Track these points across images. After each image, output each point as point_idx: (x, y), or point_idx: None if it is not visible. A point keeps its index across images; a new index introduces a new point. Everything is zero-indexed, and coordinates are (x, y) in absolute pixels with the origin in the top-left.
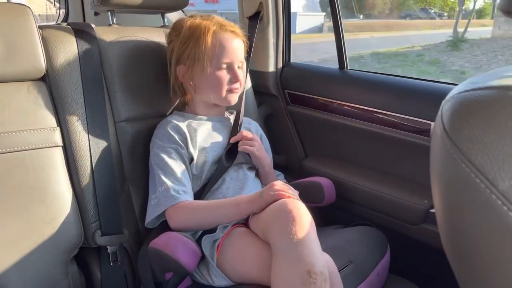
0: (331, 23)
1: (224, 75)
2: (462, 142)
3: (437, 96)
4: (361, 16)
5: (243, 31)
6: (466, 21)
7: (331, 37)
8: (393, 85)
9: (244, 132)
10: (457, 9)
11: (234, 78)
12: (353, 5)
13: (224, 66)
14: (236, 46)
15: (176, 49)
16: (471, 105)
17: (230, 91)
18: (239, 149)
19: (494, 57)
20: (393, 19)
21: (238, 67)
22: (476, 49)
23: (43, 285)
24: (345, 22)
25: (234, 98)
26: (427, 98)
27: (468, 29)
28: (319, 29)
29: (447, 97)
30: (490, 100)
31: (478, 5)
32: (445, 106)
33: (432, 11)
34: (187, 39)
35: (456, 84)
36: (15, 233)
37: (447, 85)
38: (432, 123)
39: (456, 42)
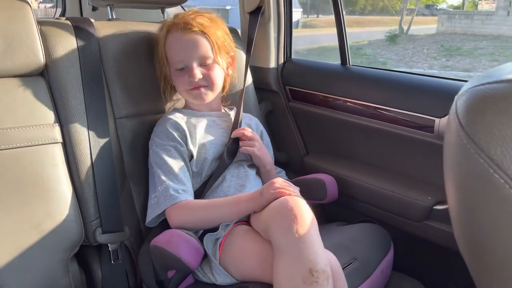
0: (306, 19)
1: (181, 74)
2: (479, 136)
3: (440, 92)
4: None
5: (213, 24)
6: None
7: (303, 32)
8: (395, 81)
9: (246, 131)
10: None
11: (190, 76)
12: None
13: (179, 65)
14: (187, 44)
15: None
16: (488, 98)
17: (192, 89)
18: (240, 150)
19: (421, 50)
20: (375, 16)
21: (203, 63)
22: (410, 44)
23: (43, 283)
24: (319, 19)
25: (201, 96)
26: (431, 94)
27: (420, 26)
28: (295, 25)
29: (461, 91)
30: (506, 93)
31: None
32: (460, 100)
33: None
34: (156, 41)
35: (464, 81)
36: (14, 230)
37: (451, 81)
38: (436, 119)
39: (393, 37)
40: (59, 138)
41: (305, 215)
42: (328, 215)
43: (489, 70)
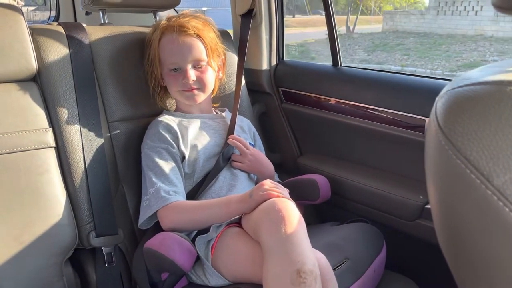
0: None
1: (174, 76)
2: (457, 138)
3: (431, 92)
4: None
5: (207, 28)
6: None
7: None
8: (387, 81)
9: (240, 142)
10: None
11: (183, 78)
12: (305, 4)
13: (172, 67)
14: (182, 46)
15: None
16: (465, 100)
17: (184, 90)
18: (231, 163)
19: (353, 47)
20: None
21: (197, 66)
22: (348, 41)
23: (37, 286)
24: (293, 19)
25: (194, 98)
26: (421, 94)
27: (374, 26)
28: None
29: (441, 93)
30: (484, 95)
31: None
32: (439, 102)
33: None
34: (148, 42)
35: (450, 80)
36: (8, 235)
37: (441, 81)
38: (427, 119)
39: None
40: (52, 142)
41: (293, 216)
42: (321, 215)
43: (469, 72)
